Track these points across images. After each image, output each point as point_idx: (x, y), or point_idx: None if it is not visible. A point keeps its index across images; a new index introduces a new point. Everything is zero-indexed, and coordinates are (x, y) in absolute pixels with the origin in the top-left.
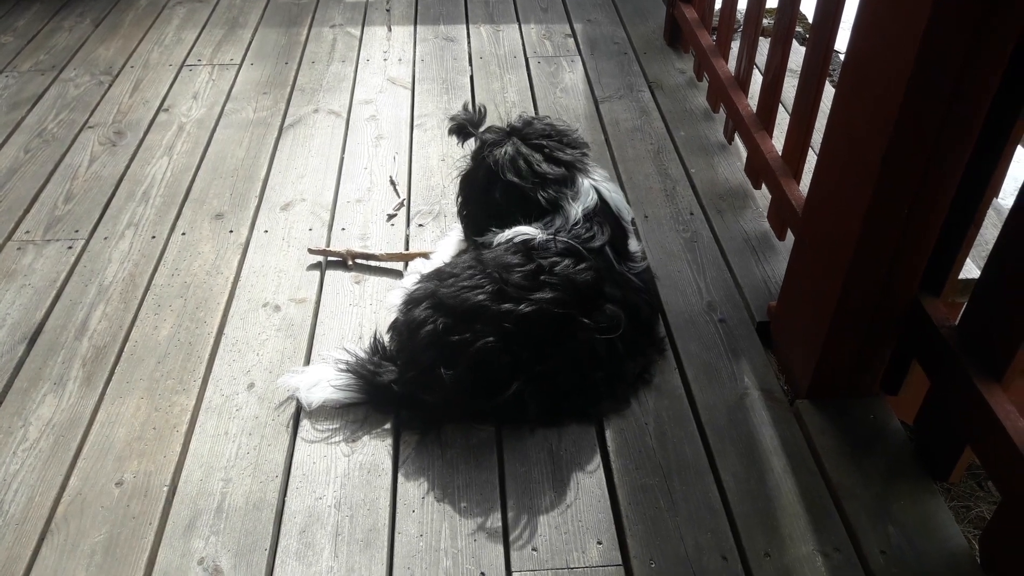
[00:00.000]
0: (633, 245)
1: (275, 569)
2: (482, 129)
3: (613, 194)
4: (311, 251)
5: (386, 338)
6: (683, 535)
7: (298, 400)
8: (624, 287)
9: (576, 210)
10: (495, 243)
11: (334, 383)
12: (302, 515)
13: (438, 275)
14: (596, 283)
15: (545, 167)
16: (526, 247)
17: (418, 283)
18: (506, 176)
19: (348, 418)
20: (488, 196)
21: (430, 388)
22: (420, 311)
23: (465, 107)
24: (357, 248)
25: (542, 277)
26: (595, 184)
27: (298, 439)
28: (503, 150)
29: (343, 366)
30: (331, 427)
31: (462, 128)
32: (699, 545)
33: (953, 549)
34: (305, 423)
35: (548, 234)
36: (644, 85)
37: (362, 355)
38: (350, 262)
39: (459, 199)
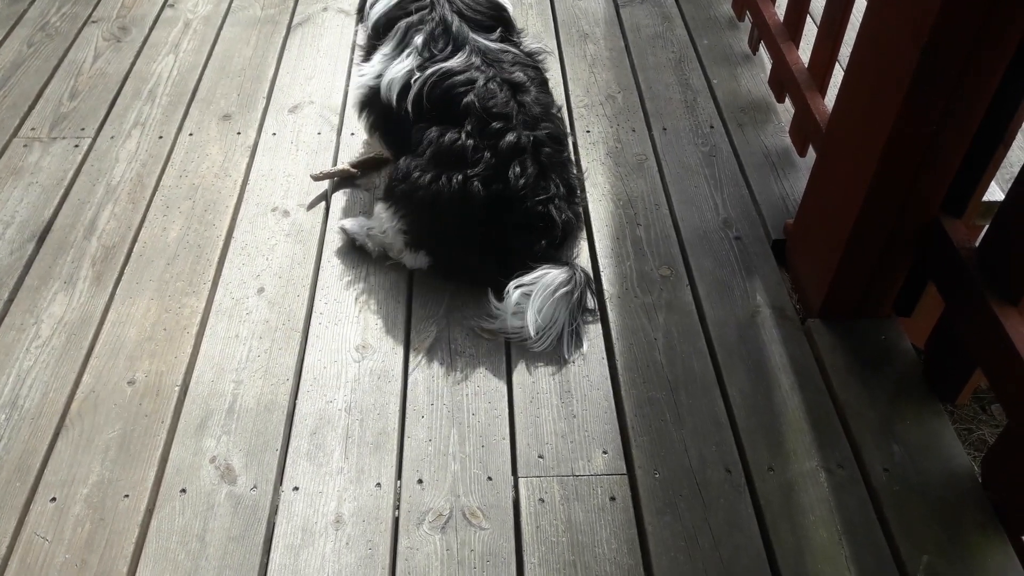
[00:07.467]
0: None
1: (286, 468)
2: None
3: None
4: (314, 177)
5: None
6: (688, 447)
7: (310, 303)
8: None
9: None
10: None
11: None
12: (313, 417)
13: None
14: (507, 121)
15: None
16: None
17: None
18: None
19: (361, 325)
20: None
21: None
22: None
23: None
24: (358, 157)
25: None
26: None
27: (309, 344)
28: None
29: None
30: (342, 332)
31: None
32: (703, 457)
33: (955, 468)
34: (316, 327)
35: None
36: None
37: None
38: (356, 171)
39: None
